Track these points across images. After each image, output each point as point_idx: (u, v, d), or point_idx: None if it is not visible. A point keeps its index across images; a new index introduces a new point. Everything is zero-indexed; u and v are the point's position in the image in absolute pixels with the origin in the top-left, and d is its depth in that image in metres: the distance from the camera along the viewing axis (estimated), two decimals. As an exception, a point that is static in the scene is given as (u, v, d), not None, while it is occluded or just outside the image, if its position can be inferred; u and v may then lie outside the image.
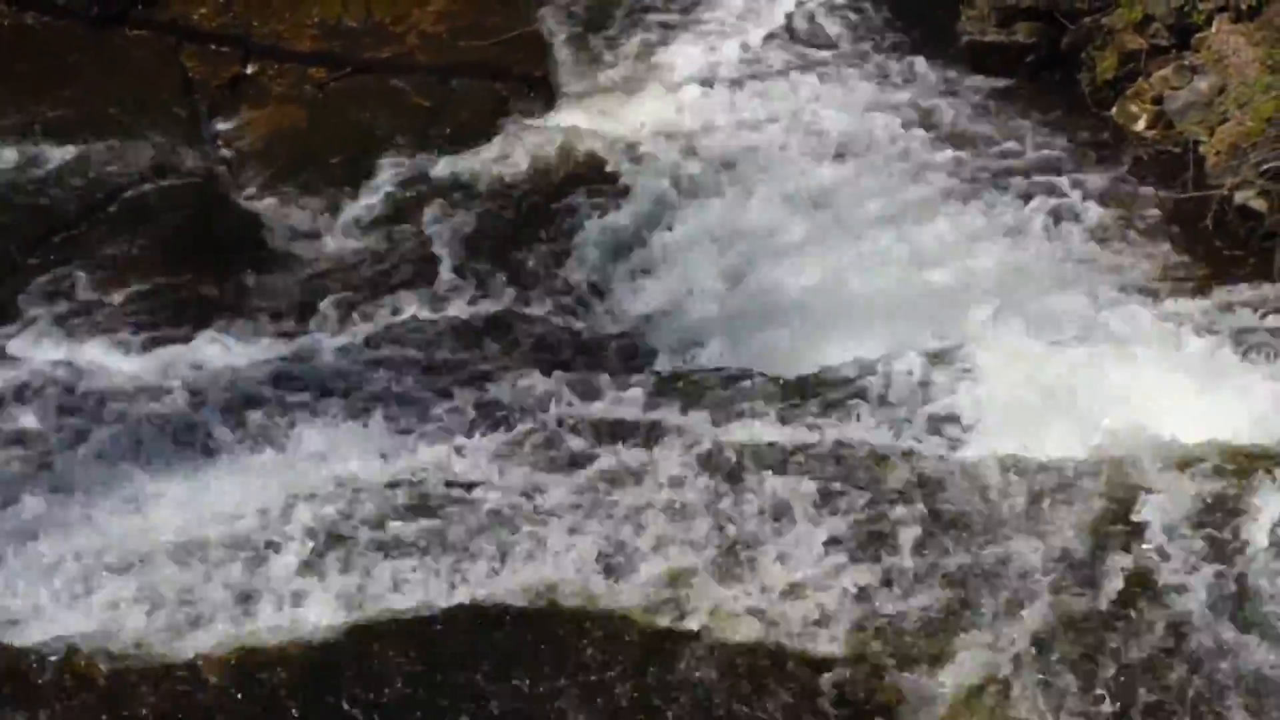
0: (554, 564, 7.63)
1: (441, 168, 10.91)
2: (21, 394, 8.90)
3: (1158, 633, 7.22)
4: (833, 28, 12.32)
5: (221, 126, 11.53)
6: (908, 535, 7.70)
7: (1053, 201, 10.31)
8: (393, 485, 8.03)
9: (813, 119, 11.28)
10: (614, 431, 8.35)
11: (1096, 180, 10.49)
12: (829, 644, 7.29)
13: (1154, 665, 7.11)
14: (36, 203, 10.52)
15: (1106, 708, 7.01)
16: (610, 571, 7.60)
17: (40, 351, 9.20)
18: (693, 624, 7.38)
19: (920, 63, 11.79)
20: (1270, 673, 7.07)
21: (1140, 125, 10.92)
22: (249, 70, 12.02)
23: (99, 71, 11.82)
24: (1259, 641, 7.18)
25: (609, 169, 10.84)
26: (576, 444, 8.28)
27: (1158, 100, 10.83)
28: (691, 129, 11.25)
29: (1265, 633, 7.21)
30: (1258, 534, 7.54)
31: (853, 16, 12.39)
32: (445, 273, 9.98)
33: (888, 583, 7.51)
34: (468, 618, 7.41)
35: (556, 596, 7.49)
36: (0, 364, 9.13)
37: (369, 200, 10.69)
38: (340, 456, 8.34)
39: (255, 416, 8.72)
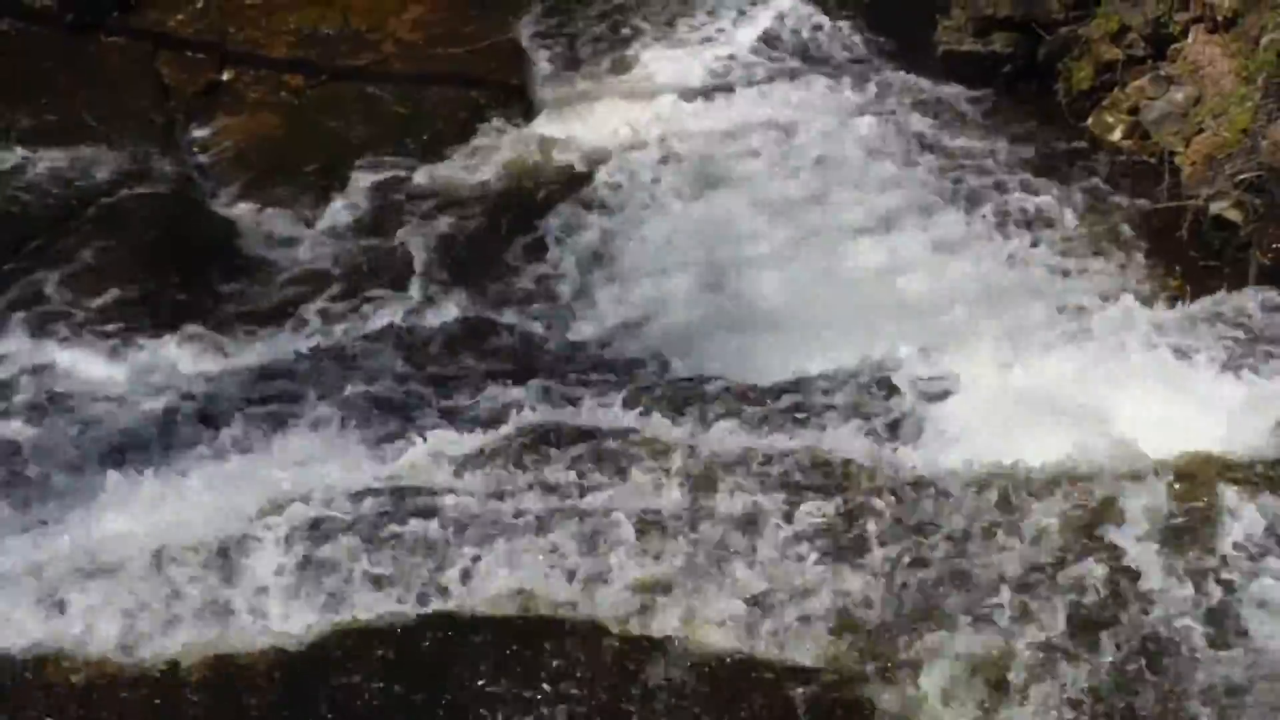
0: (528, 572, 7.61)
1: (417, 175, 10.92)
2: (-4, 399, 8.90)
3: (1131, 641, 7.22)
4: (809, 37, 12.33)
5: (197, 133, 11.51)
6: (882, 544, 7.69)
7: (1028, 211, 10.31)
8: (368, 492, 7.99)
9: (789, 128, 11.27)
10: (589, 439, 8.32)
11: (1072, 190, 10.49)
12: (803, 652, 7.29)
13: (1126, 674, 7.11)
14: (11, 209, 10.49)
15: (1080, 716, 7.00)
16: (584, 579, 7.58)
17: (14, 357, 9.19)
18: (667, 632, 7.36)
19: (896, 72, 11.80)
20: (1240, 681, 7.07)
21: (1116, 135, 10.93)
22: (225, 77, 12.01)
23: (74, 78, 11.80)
24: (1230, 649, 7.18)
25: (585, 177, 10.85)
26: (551, 451, 8.26)
27: (1134, 111, 10.84)
28: (668, 137, 11.25)
29: (1236, 641, 7.21)
30: (1229, 543, 7.55)
31: (829, 26, 12.40)
32: (420, 280, 9.98)
33: (862, 591, 7.50)
34: (442, 625, 7.39)
35: (531, 604, 7.48)
36: (-26, 370, 9.14)
37: (345, 207, 10.68)
38: (315, 463, 8.31)
39: (230, 423, 8.71)
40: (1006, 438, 8.28)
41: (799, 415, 8.49)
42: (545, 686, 7.16)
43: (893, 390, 8.65)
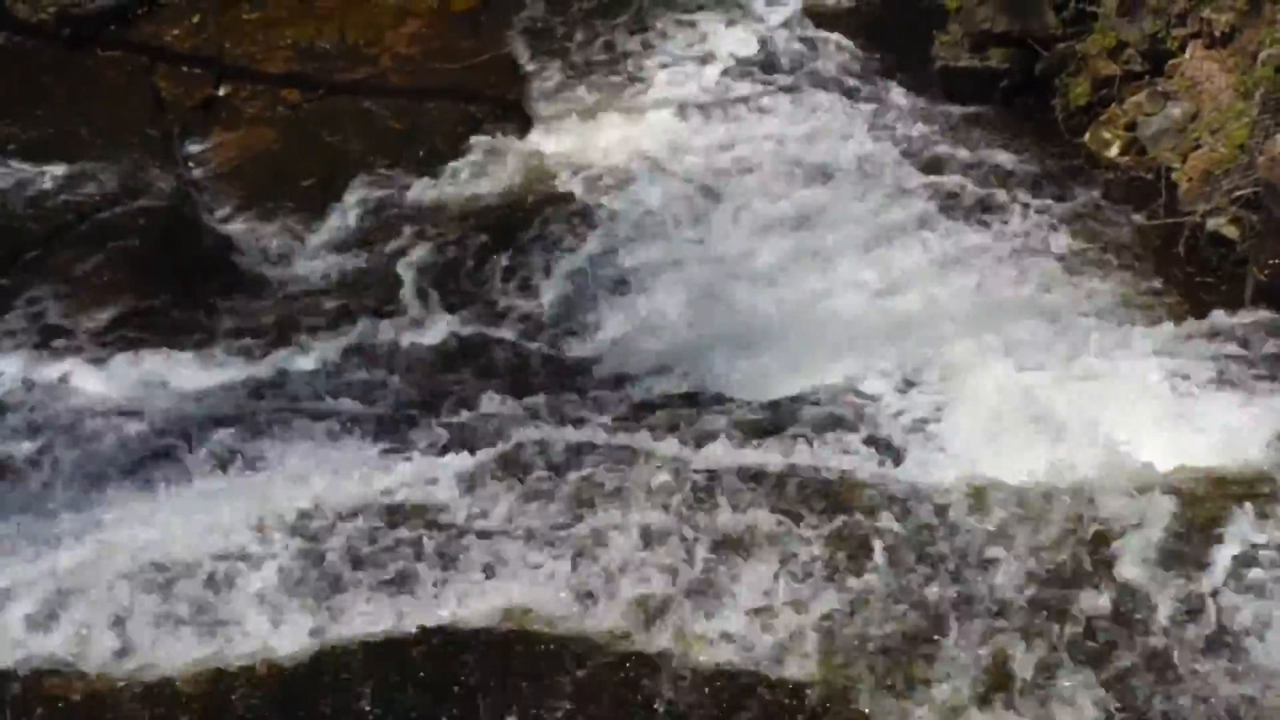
0: (525, 587, 7.61)
1: (413, 190, 10.90)
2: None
3: (1127, 657, 7.22)
4: (806, 53, 12.32)
5: (193, 148, 11.50)
6: (878, 560, 7.69)
7: (1025, 227, 10.31)
8: (363, 508, 8.00)
9: (785, 144, 11.27)
10: (585, 455, 8.33)
11: (1069, 206, 10.50)
12: (799, 668, 7.28)
13: (1123, 689, 7.11)
14: (6, 223, 10.48)
15: (1077, 733, 7.02)
16: (581, 595, 7.59)
17: (9, 371, 9.18)
18: (663, 648, 7.35)
19: (893, 88, 11.80)
20: (1237, 696, 7.07)
21: (1113, 151, 10.92)
22: (221, 92, 12.00)
23: (71, 92, 11.79)
24: (1227, 665, 7.18)
25: (581, 193, 10.83)
26: (547, 468, 8.26)
27: (1131, 126, 10.84)
28: (664, 153, 11.25)
29: (1233, 656, 7.21)
30: (1226, 559, 7.56)
31: (826, 42, 12.39)
32: (416, 295, 9.97)
33: (858, 607, 7.49)
34: (437, 641, 7.39)
35: (527, 620, 7.47)
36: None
37: (341, 222, 10.67)
38: (310, 479, 8.31)
39: (225, 438, 8.70)
40: (1003, 454, 8.29)
41: (796, 431, 8.49)
42: (541, 702, 7.15)
43: (889, 406, 8.65)
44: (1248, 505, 7.81)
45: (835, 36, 12.37)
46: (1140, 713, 7.05)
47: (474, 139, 11.38)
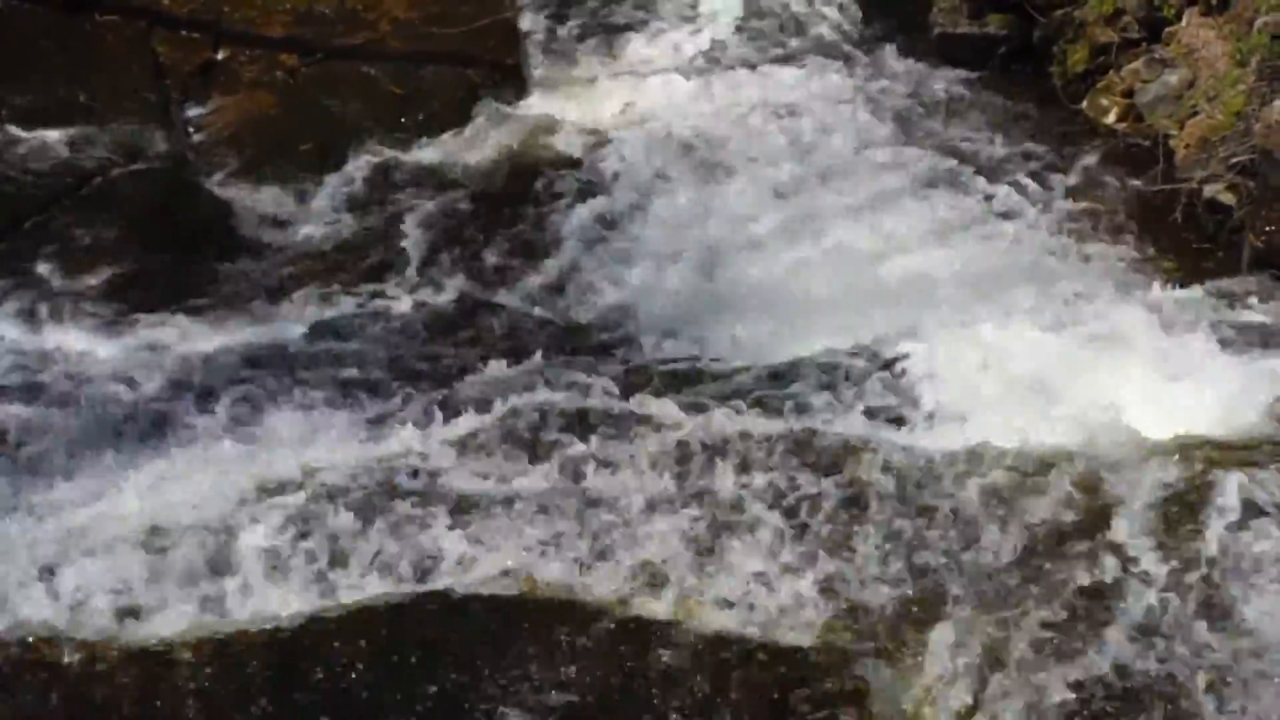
0: (523, 553, 7.61)
1: (413, 155, 10.92)
2: (-11, 379, 8.89)
3: (1125, 623, 7.20)
4: (805, 19, 12.33)
5: (192, 112, 11.49)
6: (877, 526, 7.69)
7: (1022, 194, 10.33)
8: (362, 473, 7.99)
9: (783, 110, 11.28)
10: (585, 420, 8.32)
11: (1066, 173, 10.52)
12: (798, 634, 7.28)
13: (1120, 655, 7.10)
14: (4, 188, 10.47)
15: (1073, 698, 7.00)
16: (580, 560, 7.59)
17: (7, 336, 9.18)
18: (662, 613, 7.35)
19: (891, 54, 11.83)
20: (1235, 663, 7.07)
21: (1110, 118, 10.94)
22: (220, 56, 11.98)
23: (69, 56, 11.76)
24: (1224, 631, 7.18)
25: (580, 158, 10.85)
26: (547, 433, 8.25)
27: (1128, 93, 10.86)
28: (664, 118, 11.27)
29: (1230, 623, 7.21)
30: (1223, 525, 7.54)
31: (825, 8, 12.40)
32: (416, 260, 9.98)
33: (857, 573, 7.49)
34: (437, 606, 7.38)
35: (526, 585, 7.46)
36: (-34, 349, 9.14)
37: (340, 187, 10.67)
38: (310, 443, 8.31)
39: (224, 403, 8.70)
40: (1001, 419, 8.29)
41: (795, 396, 8.50)
42: (540, 667, 7.15)
43: (887, 372, 8.66)
44: (1243, 471, 7.81)
45: (835, 2, 12.39)
46: (1137, 674, 7.05)
47: (473, 104, 11.40)
